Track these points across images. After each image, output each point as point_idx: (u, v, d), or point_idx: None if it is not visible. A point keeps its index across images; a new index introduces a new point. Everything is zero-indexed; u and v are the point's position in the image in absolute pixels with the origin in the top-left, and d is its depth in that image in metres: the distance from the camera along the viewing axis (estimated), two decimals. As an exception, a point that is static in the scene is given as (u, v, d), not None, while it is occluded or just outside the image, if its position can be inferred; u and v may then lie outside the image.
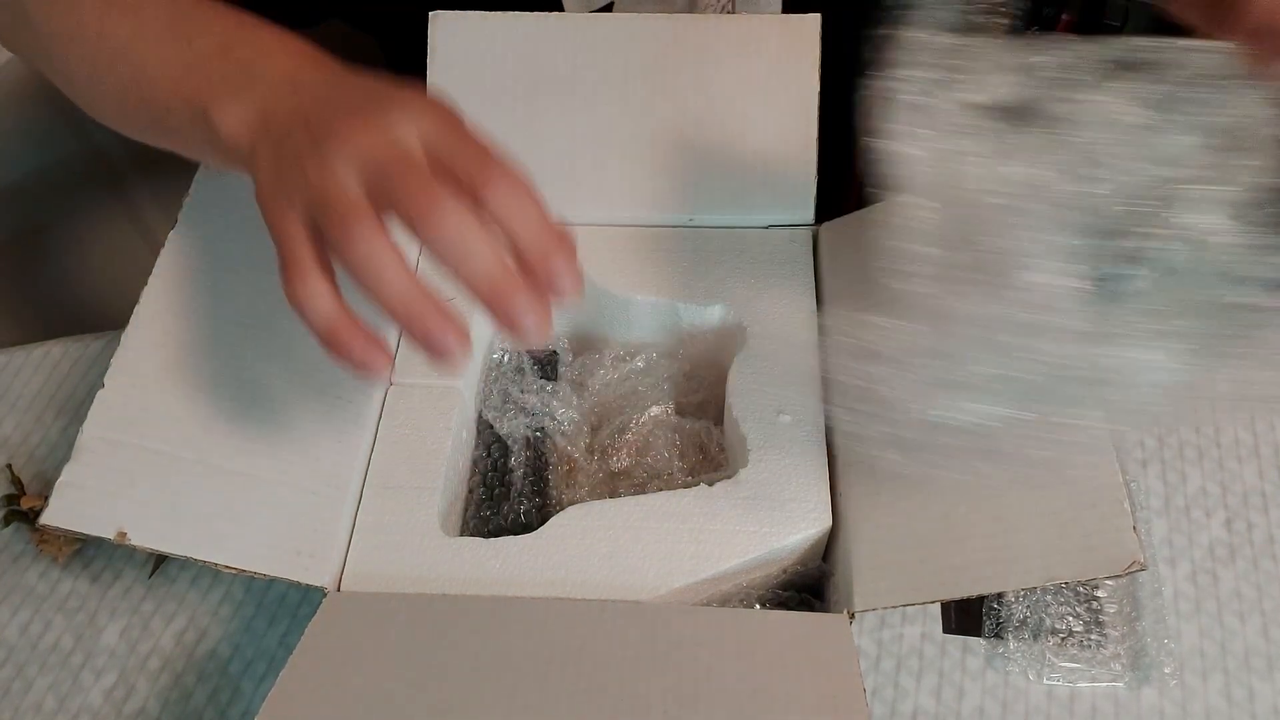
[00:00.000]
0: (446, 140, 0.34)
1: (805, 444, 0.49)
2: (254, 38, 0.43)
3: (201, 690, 0.52)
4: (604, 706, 0.38)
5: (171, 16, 0.45)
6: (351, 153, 0.33)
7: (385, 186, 0.33)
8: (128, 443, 0.46)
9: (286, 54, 0.41)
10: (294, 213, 0.35)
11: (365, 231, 0.32)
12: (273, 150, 0.37)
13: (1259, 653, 0.50)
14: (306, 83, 0.39)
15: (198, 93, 0.41)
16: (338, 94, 0.38)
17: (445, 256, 0.32)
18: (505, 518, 0.52)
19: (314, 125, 0.36)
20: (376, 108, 0.35)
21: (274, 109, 0.39)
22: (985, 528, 0.42)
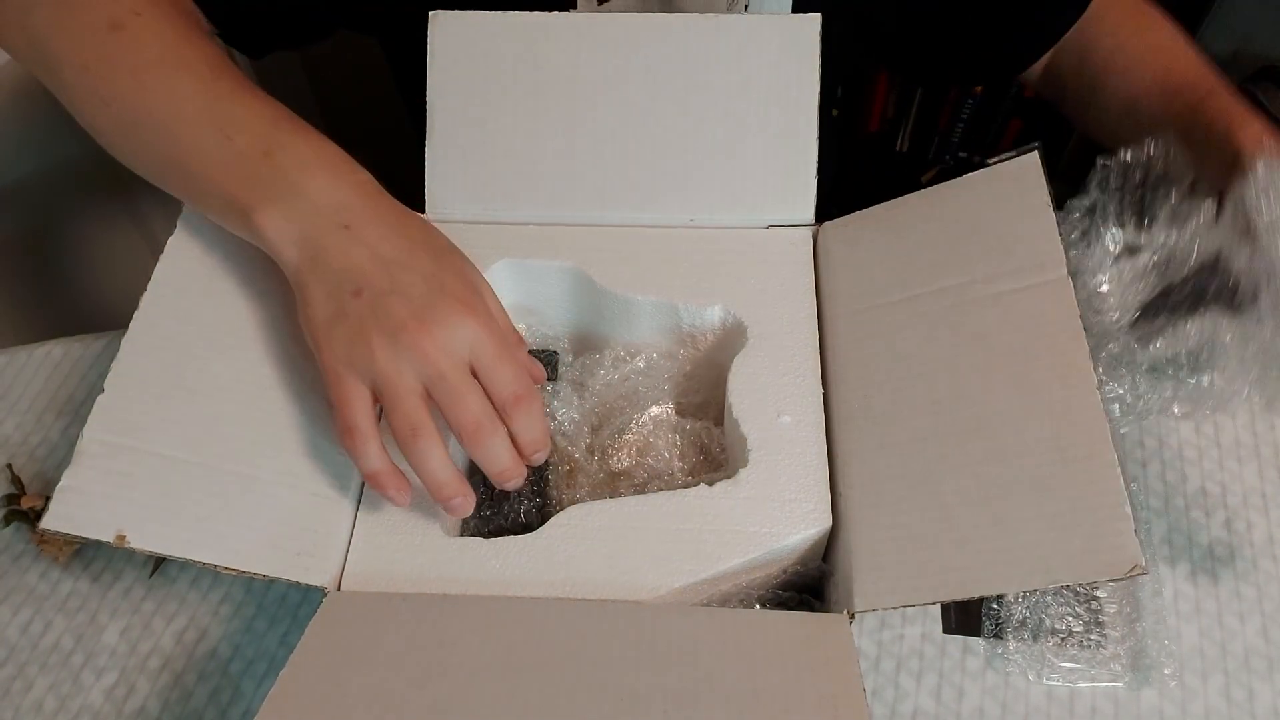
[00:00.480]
0: (487, 360, 0.44)
1: (805, 444, 0.49)
2: (292, 144, 0.47)
3: (202, 690, 0.52)
4: (604, 706, 0.38)
5: (208, 101, 0.47)
6: (419, 362, 0.42)
7: (442, 400, 0.43)
8: (127, 446, 0.46)
9: (325, 170, 0.46)
10: (361, 387, 0.43)
11: (426, 444, 0.43)
12: (336, 298, 0.43)
13: (1259, 653, 0.50)
14: (357, 225, 0.45)
15: (239, 193, 0.46)
16: (396, 265, 0.44)
17: (472, 454, 0.44)
18: (505, 517, 0.52)
19: (380, 310, 0.43)
20: (438, 314, 0.43)
21: (325, 243, 0.44)
22: (986, 529, 0.42)
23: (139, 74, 0.48)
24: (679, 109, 0.55)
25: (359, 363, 0.43)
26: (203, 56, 0.49)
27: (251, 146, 0.46)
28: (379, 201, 0.47)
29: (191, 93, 0.48)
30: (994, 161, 0.52)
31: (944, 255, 0.51)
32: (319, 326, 0.44)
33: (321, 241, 0.44)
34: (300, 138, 0.47)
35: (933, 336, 0.49)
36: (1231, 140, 0.51)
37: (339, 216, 0.45)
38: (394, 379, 0.42)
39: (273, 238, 0.45)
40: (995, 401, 0.45)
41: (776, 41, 0.55)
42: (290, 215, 0.45)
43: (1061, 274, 0.47)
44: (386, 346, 0.42)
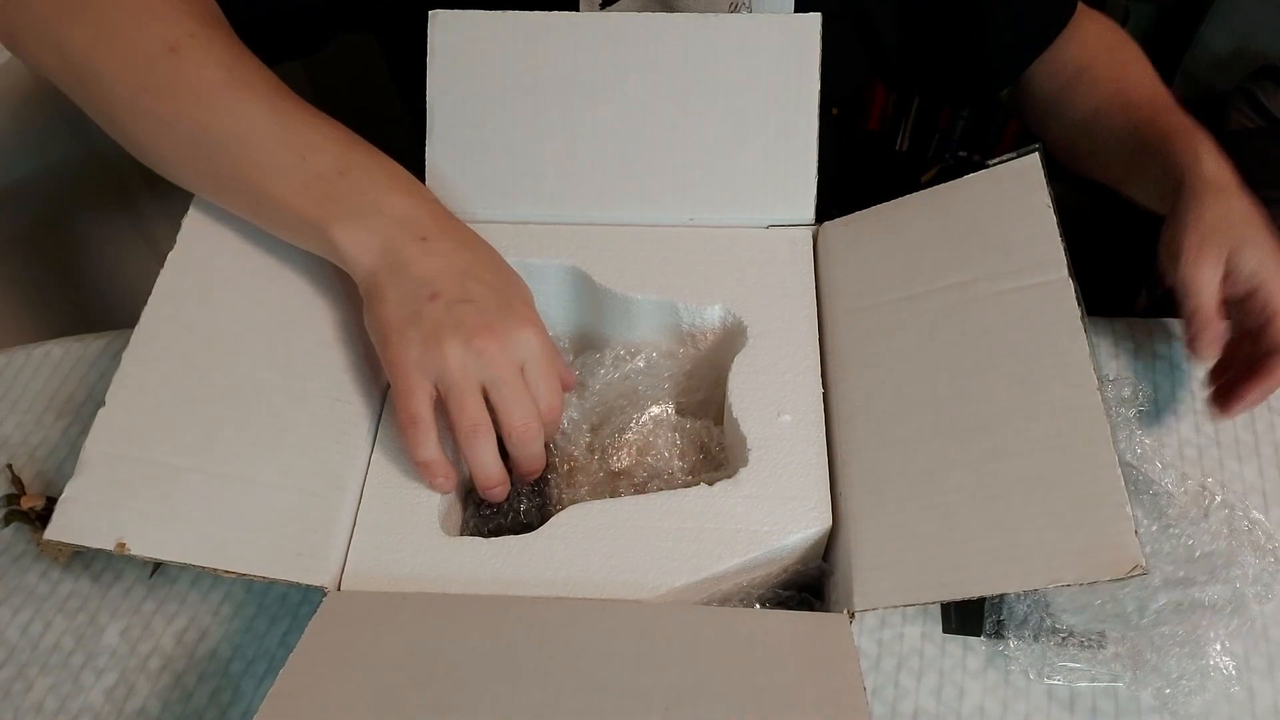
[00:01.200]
0: (537, 371, 0.48)
1: (805, 444, 0.49)
2: (366, 165, 0.50)
3: (202, 690, 0.52)
4: (604, 705, 0.38)
5: (280, 123, 0.49)
6: (486, 365, 0.46)
7: (500, 402, 0.47)
8: (129, 456, 0.46)
9: (400, 189, 0.50)
10: (426, 383, 0.46)
11: (484, 440, 0.47)
12: (413, 301, 0.47)
13: (1259, 652, 0.50)
14: (433, 238, 0.48)
15: (317, 210, 0.48)
16: (469, 276, 0.48)
17: (515, 452, 0.49)
18: (505, 516, 0.52)
19: (455, 315, 0.46)
20: (505, 325, 0.47)
21: (403, 252, 0.47)
22: (987, 529, 0.42)
23: (204, 96, 0.49)
24: (679, 108, 0.55)
25: (430, 360, 0.46)
26: (263, 78, 0.51)
27: (328, 167, 0.49)
28: (449, 219, 0.50)
29: (261, 114, 0.49)
30: (994, 161, 0.52)
31: (944, 255, 0.51)
32: (392, 325, 0.47)
33: (401, 252, 0.47)
34: (373, 159, 0.50)
35: (933, 336, 0.49)
36: (1174, 151, 0.57)
37: (416, 230, 0.48)
38: (461, 379, 0.46)
39: (352, 250, 0.48)
40: (995, 401, 0.45)
41: (777, 41, 0.55)
42: (370, 229, 0.48)
43: (1062, 274, 0.47)
44: (458, 348, 0.45)
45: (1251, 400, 0.53)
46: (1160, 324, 0.61)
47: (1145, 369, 0.60)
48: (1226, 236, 0.53)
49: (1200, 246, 0.53)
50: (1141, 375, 0.59)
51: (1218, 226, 0.53)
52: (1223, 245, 0.53)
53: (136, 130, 0.51)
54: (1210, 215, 0.53)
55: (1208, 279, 0.52)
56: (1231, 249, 0.53)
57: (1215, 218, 0.53)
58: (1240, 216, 0.54)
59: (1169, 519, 0.52)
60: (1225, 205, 0.54)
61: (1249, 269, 0.52)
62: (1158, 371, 0.59)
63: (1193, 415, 0.58)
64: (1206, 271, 0.52)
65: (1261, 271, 0.52)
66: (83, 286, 1.03)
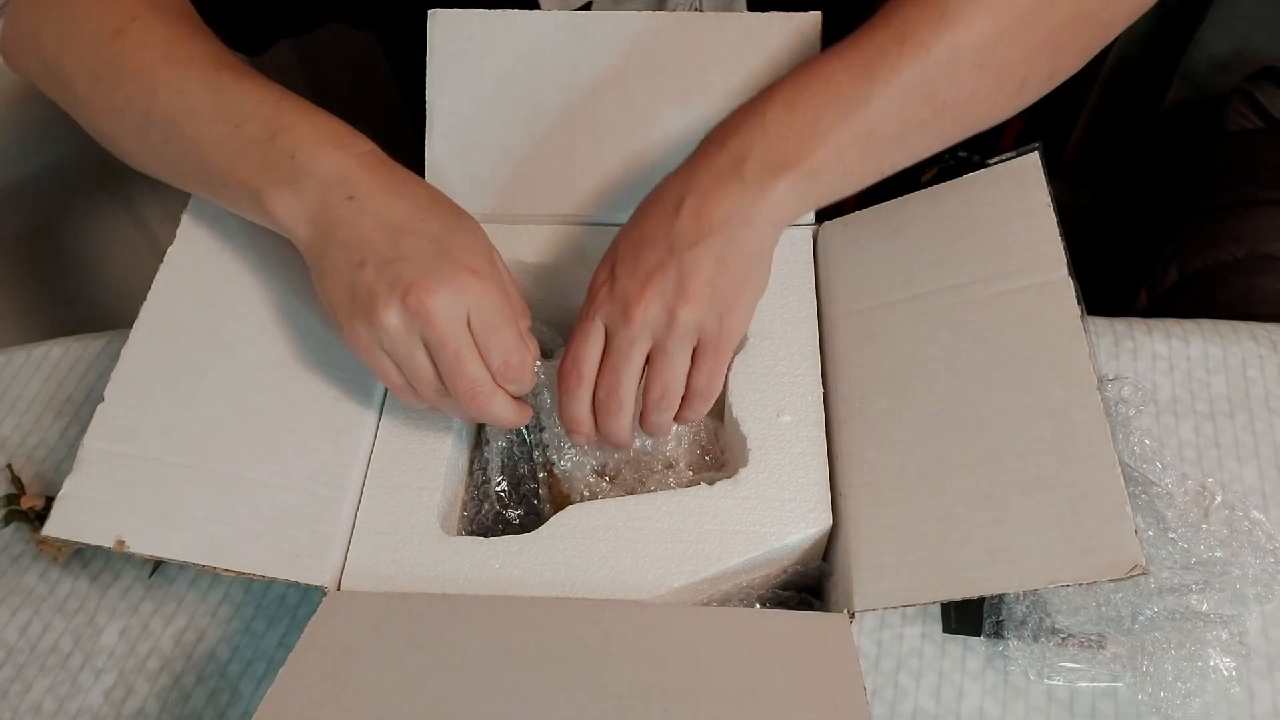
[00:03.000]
0: (486, 325, 0.44)
1: (805, 444, 0.49)
2: (295, 125, 0.47)
3: (200, 691, 0.52)
4: (603, 705, 0.38)
5: (214, 94, 0.48)
6: (424, 325, 0.43)
7: (442, 367, 0.44)
8: (127, 453, 0.46)
9: (329, 146, 0.46)
10: (385, 357, 0.45)
11: (450, 406, 0.46)
12: (345, 270, 0.44)
13: (1259, 652, 0.50)
14: (362, 195, 0.45)
15: (250, 178, 0.46)
16: (400, 231, 0.44)
17: (475, 417, 0.47)
18: (506, 512, 0.52)
19: (386, 278, 0.43)
20: (439, 277, 0.43)
21: (332, 216, 0.45)
22: (986, 529, 0.42)
23: (146, 76, 0.49)
24: (679, 107, 0.55)
25: (375, 334, 0.44)
26: (203, 51, 0.50)
27: (259, 132, 0.47)
28: (383, 170, 0.47)
29: (197, 87, 0.48)
30: (994, 161, 0.52)
31: (944, 255, 0.51)
32: (335, 303, 0.45)
33: (330, 216, 0.45)
34: (303, 117, 0.47)
35: (933, 336, 0.49)
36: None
37: (344, 189, 0.45)
38: (404, 348, 0.44)
39: (286, 219, 0.46)
40: (995, 401, 0.45)
41: (777, 39, 0.55)
42: (300, 195, 0.46)
43: (1062, 274, 0.47)
44: (393, 314, 0.43)
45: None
46: (1160, 324, 0.61)
47: (1145, 369, 0.60)
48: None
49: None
50: (1141, 375, 0.59)
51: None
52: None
53: (99, 122, 0.52)
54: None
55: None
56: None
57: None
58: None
59: (1167, 523, 0.52)
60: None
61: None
62: (1158, 371, 0.59)
63: (1193, 415, 0.57)
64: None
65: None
66: (82, 286, 1.03)
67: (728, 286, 0.44)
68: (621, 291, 0.44)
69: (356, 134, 0.48)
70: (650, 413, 0.47)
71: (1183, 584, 0.50)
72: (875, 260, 0.53)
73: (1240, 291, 0.78)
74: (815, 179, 0.45)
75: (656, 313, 0.44)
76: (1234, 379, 0.59)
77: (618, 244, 0.46)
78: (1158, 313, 0.63)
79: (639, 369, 0.45)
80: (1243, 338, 0.60)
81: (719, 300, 0.44)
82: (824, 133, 0.44)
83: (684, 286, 0.43)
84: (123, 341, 0.49)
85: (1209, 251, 0.81)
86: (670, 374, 0.45)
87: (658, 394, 0.46)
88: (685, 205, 0.44)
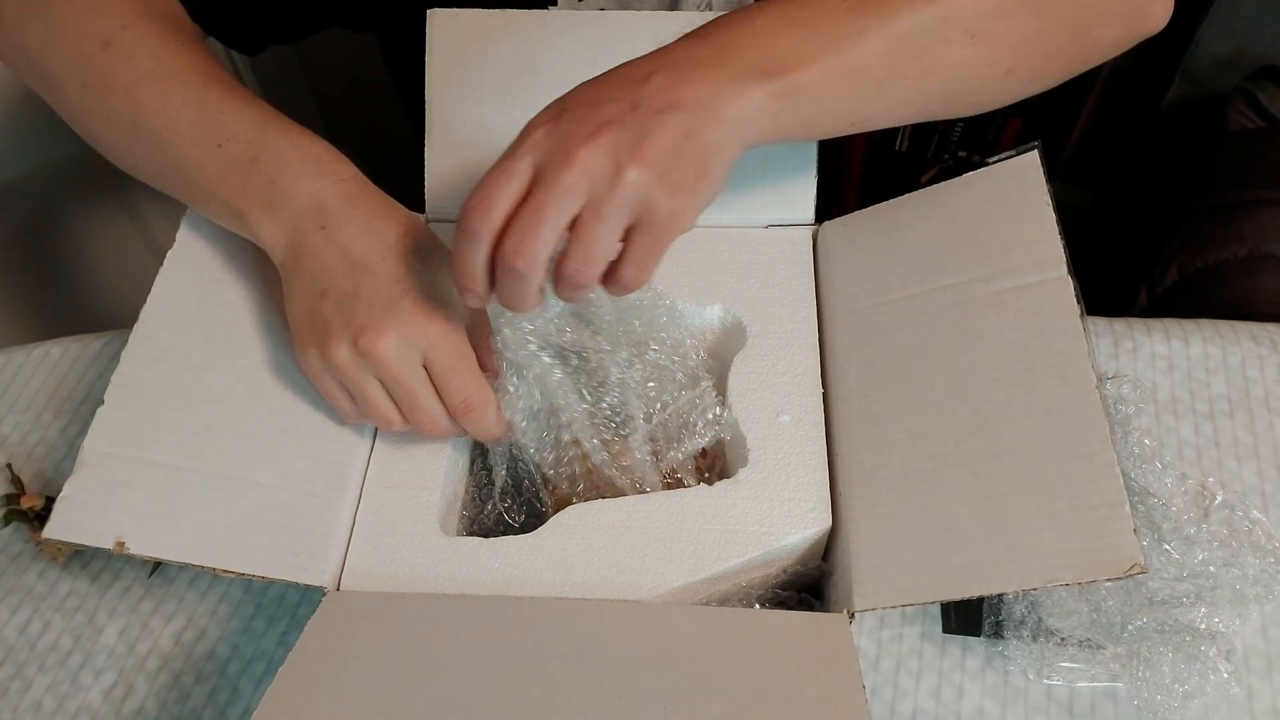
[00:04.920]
0: (439, 367, 0.45)
1: (805, 444, 0.49)
2: (278, 149, 0.47)
3: (200, 690, 0.52)
4: (603, 705, 0.38)
5: (199, 112, 0.48)
6: (375, 364, 0.44)
7: (399, 403, 0.45)
8: (127, 455, 0.46)
9: (309, 173, 0.47)
10: (332, 382, 0.46)
11: (402, 428, 0.47)
12: (308, 298, 0.46)
13: (1258, 652, 0.50)
14: (332, 226, 0.46)
15: (233, 199, 0.47)
16: (362, 270, 0.45)
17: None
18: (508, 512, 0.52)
19: (342, 315, 0.44)
20: (391, 321, 0.44)
21: (303, 244, 0.46)
22: (985, 528, 0.42)
23: (133, 90, 0.49)
24: (678, 108, 0.55)
25: (327, 364, 0.45)
26: (191, 65, 0.50)
27: (241, 154, 0.47)
28: (358, 201, 0.47)
29: (183, 104, 0.49)
30: (994, 161, 0.52)
31: (943, 254, 0.51)
32: (295, 326, 0.47)
33: (302, 244, 0.46)
34: (285, 140, 0.48)
35: (932, 336, 0.49)
36: None
37: (317, 219, 0.46)
38: (356, 381, 0.45)
39: (266, 241, 0.48)
40: (995, 401, 0.45)
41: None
42: (278, 219, 0.47)
43: (1061, 273, 0.47)
44: (346, 351, 0.44)
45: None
46: (1160, 324, 0.61)
47: (1145, 369, 0.60)
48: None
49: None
50: (1141, 375, 0.59)
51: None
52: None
53: (88, 126, 0.52)
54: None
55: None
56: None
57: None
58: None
59: (1162, 534, 0.52)
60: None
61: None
62: (1157, 371, 0.59)
63: (1192, 415, 0.57)
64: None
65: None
66: (81, 286, 1.03)
67: (687, 167, 0.39)
68: (566, 132, 0.38)
69: (339, 159, 0.49)
70: (561, 285, 0.40)
71: (1174, 595, 0.50)
72: (875, 259, 0.53)
73: (1240, 291, 0.78)
74: (793, 99, 0.41)
75: (602, 162, 0.38)
76: (1234, 379, 0.59)
77: (567, 95, 0.41)
78: (1158, 312, 0.63)
79: (562, 226, 0.38)
80: (1243, 338, 0.60)
81: (675, 176, 0.39)
82: (813, 53, 0.41)
83: (641, 146, 0.38)
84: (122, 341, 0.49)
85: (1209, 251, 0.81)
86: (598, 242, 0.39)
87: (577, 262, 0.39)
88: (656, 76, 0.40)
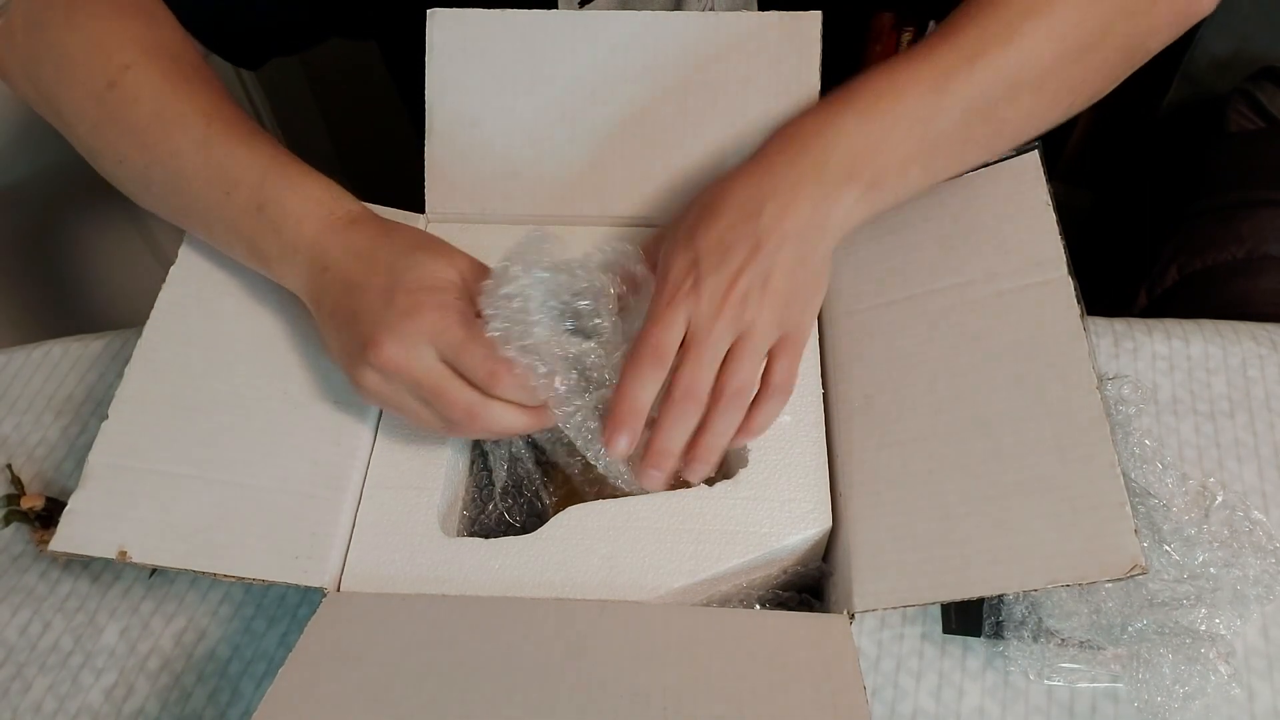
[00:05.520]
0: (450, 350, 0.44)
1: (805, 444, 0.49)
2: (279, 197, 0.48)
3: (201, 691, 0.52)
4: (603, 706, 0.38)
5: (205, 157, 0.49)
6: (392, 373, 0.44)
7: (430, 403, 0.45)
8: (131, 467, 0.47)
9: (309, 219, 0.48)
10: (372, 395, 0.46)
11: (455, 432, 0.47)
12: (333, 338, 0.47)
13: (1259, 652, 0.50)
14: (332, 266, 0.47)
15: (250, 248, 0.49)
16: (356, 290, 0.46)
17: (480, 436, 0.48)
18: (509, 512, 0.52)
19: (353, 339, 0.45)
20: (388, 329, 0.44)
21: (315, 287, 0.47)
22: (986, 529, 0.42)
23: (139, 134, 0.50)
24: (678, 107, 0.55)
25: (366, 392, 0.46)
26: (195, 106, 0.50)
27: (248, 202, 0.48)
28: (351, 231, 0.48)
29: (188, 148, 0.49)
30: (994, 161, 0.52)
31: (944, 254, 0.51)
32: (342, 368, 0.47)
33: (314, 290, 0.48)
34: (286, 184, 0.49)
35: (932, 336, 0.49)
36: None
37: (320, 263, 0.47)
38: (394, 401, 0.45)
39: (292, 289, 0.49)
40: (995, 401, 0.45)
41: (777, 39, 0.55)
42: (292, 271, 0.48)
43: (1061, 272, 0.47)
44: (370, 373, 0.45)
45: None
46: (1160, 324, 0.61)
47: (1145, 369, 0.60)
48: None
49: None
50: (1142, 375, 0.59)
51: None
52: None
53: (102, 166, 0.53)
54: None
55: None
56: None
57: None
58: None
59: (1162, 536, 0.52)
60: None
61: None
62: (1158, 371, 0.59)
63: (1193, 416, 0.57)
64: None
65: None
66: (82, 286, 1.03)
67: (805, 287, 0.46)
68: (710, 286, 0.44)
69: (338, 196, 0.49)
70: (722, 411, 0.45)
71: (1174, 597, 0.50)
72: (875, 260, 0.53)
73: (1240, 292, 0.78)
74: (880, 189, 0.47)
75: (744, 313, 0.44)
76: (1234, 379, 0.59)
77: (696, 238, 0.46)
78: (1158, 313, 0.63)
79: (717, 366, 0.45)
80: (1243, 338, 0.60)
81: (799, 299, 0.46)
82: (894, 146, 0.46)
83: (770, 285, 0.44)
84: (123, 342, 0.49)
85: (1209, 252, 0.81)
86: (750, 369, 0.45)
87: (735, 386, 0.45)
88: (768, 208, 0.45)
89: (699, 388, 0.44)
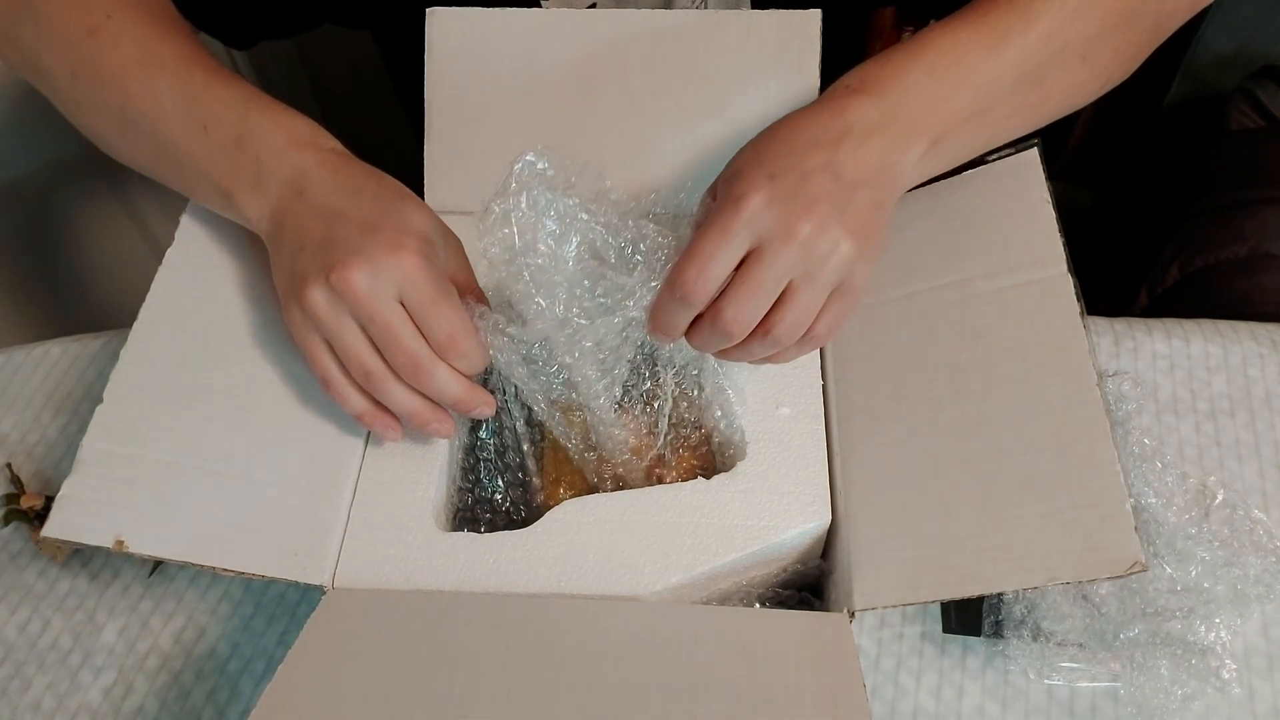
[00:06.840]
0: (416, 302, 0.43)
1: (804, 438, 0.48)
2: (260, 128, 0.48)
3: (200, 689, 0.52)
4: (601, 704, 0.38)
5: (185, 97, 0.49)
6: (350, 300, 0.43)
7: (378, 343, 0.44)
8: (126, 454, 0.46)
9: (291, 147, 0.47)
10: (320, 341, 0.45)
11: (381, 384, 0.45)
12: (288, 259, 0.45)
13: (1259, 652, 0.50)
14: (310, 190, 0.46)
15: (221, 180, 0.48)
16: (335, 217, 0.45)
17: (422, 391, 0.45)
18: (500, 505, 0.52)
19: (318, 260, 0.43)
20: (365, 254, 0.42)
21: (284, 212, 0.46)
22: (986, 527, 0.42)
23: (119, 78, 0.50)
24: (677, 105, 0.55)
25: (307, 315, 0.44)
26: (175, 51, 0.50)
27: (226, 136, 0.48)
28: (339, 165, 0.47)
29: (168, 89, 0.49)
30: (993, 158, 0.52)
31: (944, 252, 0.51)
32: (281, 292, 0.46)
33: (282, 212, 0.46)
34: (268, 119, 0.48)
35: (933, 333, 0.49)
36: None
37: (296, 186, 0.46)
38: (333, 325, 0.44)
39: (253, 218, 0.48)
40: (995, 398, 0.45)
41: (777, 37, 0.55)
42: (263, 195, 0.47)
43: (1061, 270, 0.47)
44: (319, 291, 0.43)
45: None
46: (1161, 323, 0.61)
47: (1145, 368, 0.59)
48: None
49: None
50: (1142, 374, 0.59)
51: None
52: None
53: (80, 118, 0.53)
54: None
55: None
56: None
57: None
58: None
59: (1157, 549, 0.52)
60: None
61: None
62: (1158, 371, 0.59)
63: (1193, 415, 0.57)
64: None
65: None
66: (81, 285, 1.03)
67: (877, 235, 0.43)
68: (784, 208, 0.40)
69: (321, 133, 0.49)
70: (761, 344, 0.43)
71: (1167, 608, 0.50)
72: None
73: (1241, 291, 0.78)
74: (940, 147, 0.45)
75: (820, 241, 0.40)
76: (1235, 378, 0.59)
77: (773, 155, 0.42)
78: (1158, 312, 0.63)
79: (771, 303, 0.42)
80: (1243, 337, 0.60)
81: (870, 247, 0.42)
82: (958, 104, 0.45)
83: (847, 221, 0.41)
84: (122, 341, 0.49)
85: (1210, 251, 0.81)
86: (810, 312, 0.42)
87: (789, 326, 0.42)
88: (845, 143, 0.42)
89: (743, 320, 0.41)
